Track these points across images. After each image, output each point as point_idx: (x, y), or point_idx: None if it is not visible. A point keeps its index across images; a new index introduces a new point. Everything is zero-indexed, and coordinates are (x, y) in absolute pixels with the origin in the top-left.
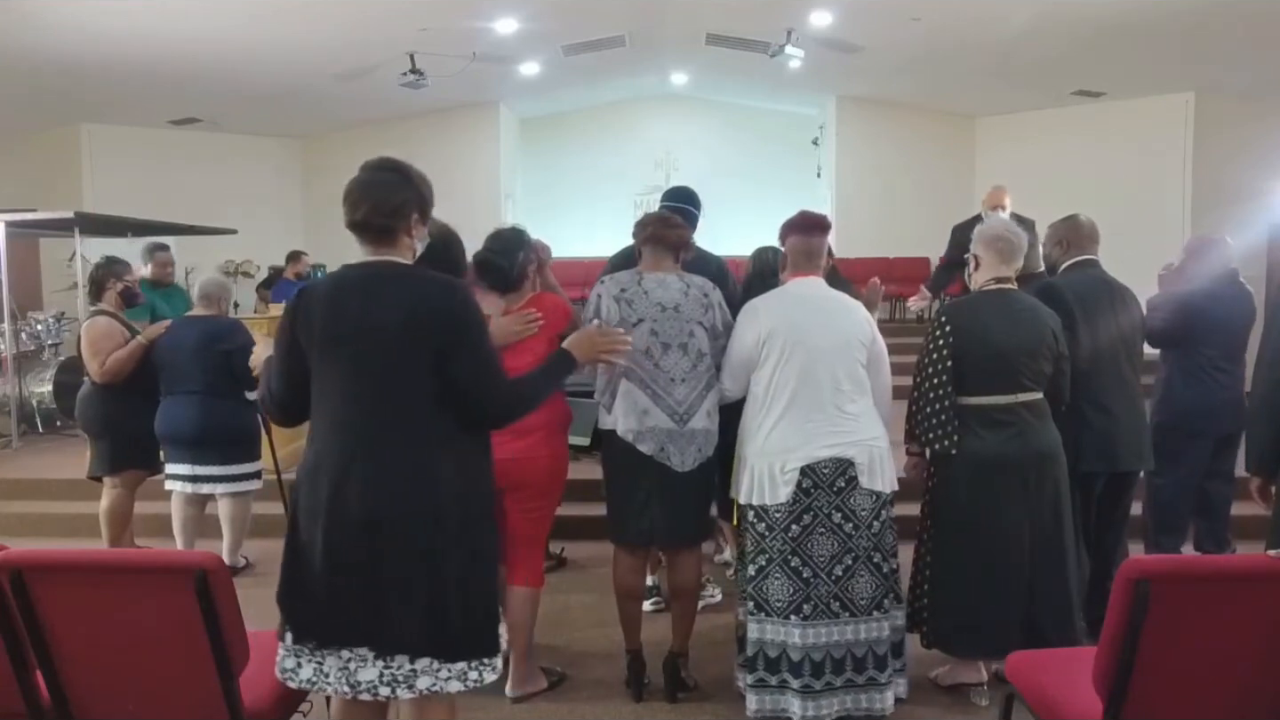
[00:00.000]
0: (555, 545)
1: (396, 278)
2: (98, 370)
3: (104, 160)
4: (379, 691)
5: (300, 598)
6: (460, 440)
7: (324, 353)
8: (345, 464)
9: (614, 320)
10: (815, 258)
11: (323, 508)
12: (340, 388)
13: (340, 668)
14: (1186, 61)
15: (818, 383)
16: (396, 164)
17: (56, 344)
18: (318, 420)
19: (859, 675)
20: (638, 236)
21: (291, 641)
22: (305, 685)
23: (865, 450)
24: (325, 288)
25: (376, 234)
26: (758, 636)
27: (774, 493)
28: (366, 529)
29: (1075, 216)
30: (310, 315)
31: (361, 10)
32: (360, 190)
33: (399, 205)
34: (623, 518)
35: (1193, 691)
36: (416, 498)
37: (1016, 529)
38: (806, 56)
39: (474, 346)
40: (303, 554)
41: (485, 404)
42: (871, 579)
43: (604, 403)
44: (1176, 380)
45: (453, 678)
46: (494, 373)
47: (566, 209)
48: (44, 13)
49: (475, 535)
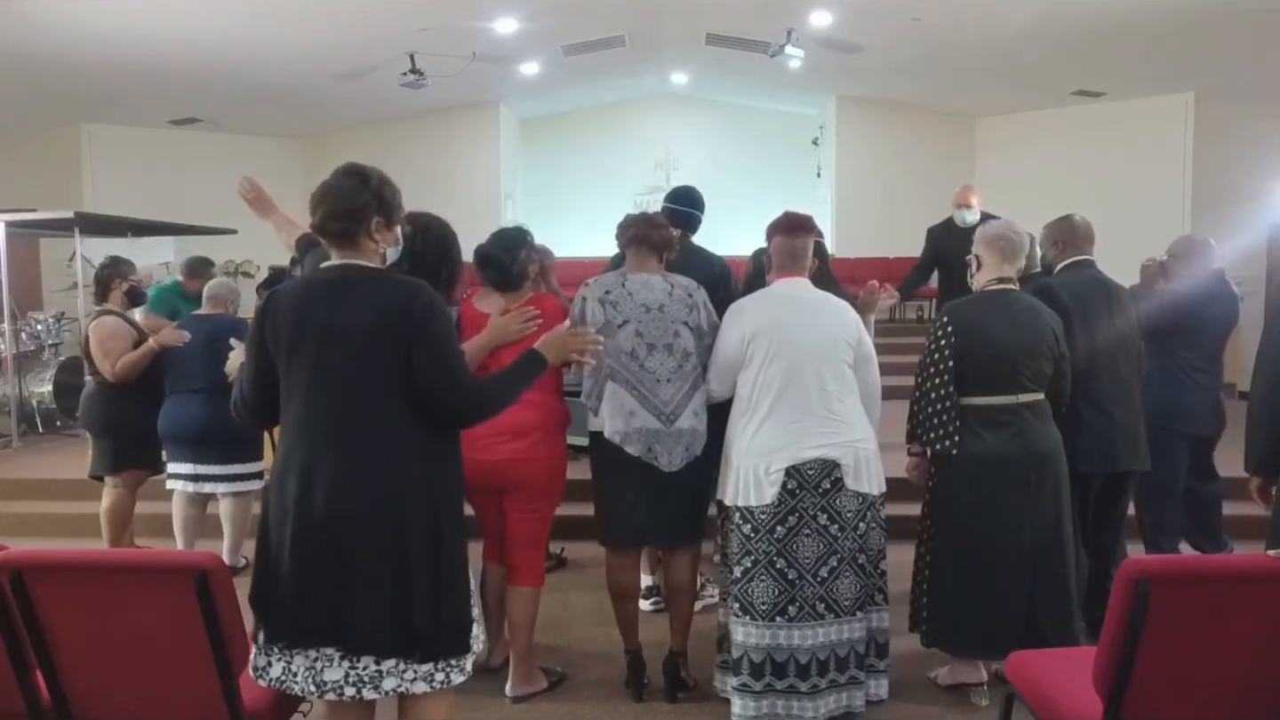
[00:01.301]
0: (555, 545)
1: (362, 281)
2: (110, 370)
3: (104, 160)
4: (344, 691)
5: (270, 598)
6: (427, 441)
7: (290, 355)
8: (310, 465)
9: (599, 323)
10: (800, 258)
11: (291, 508)
12: (306, 390)
13: (307, 667)
14: (1186, 61)
15: (803, 383)
16: (358, 169)
17: (56, 344)
18: (285, 422)
19: (841, 675)
20: (621, 238)
21: (264, 641)
22: (275, 684)
23: (851, 451)
24: (292, 291)
25: (337, 238)
26: (742, 640)
27: (759, 494)
28: (331, 528)
29: (1070, 217)
30: (277, 318)
31: (361, 10)
32: (320, 195)
33: (356, 209)
34: (611, 519)
35: (1193, 691)
36: (381, 496)
37: (1016, 529)
38: (806, 56)
39: (437, 348)
40: (272, 555)
41: (450, 404)
42: (856, 580)
43: (590, 405)
44: (1155, 379)
45: (419, 679)
46: (458, 374)
47: (566, 209)
48: (44, 13)
49: (442, 536)
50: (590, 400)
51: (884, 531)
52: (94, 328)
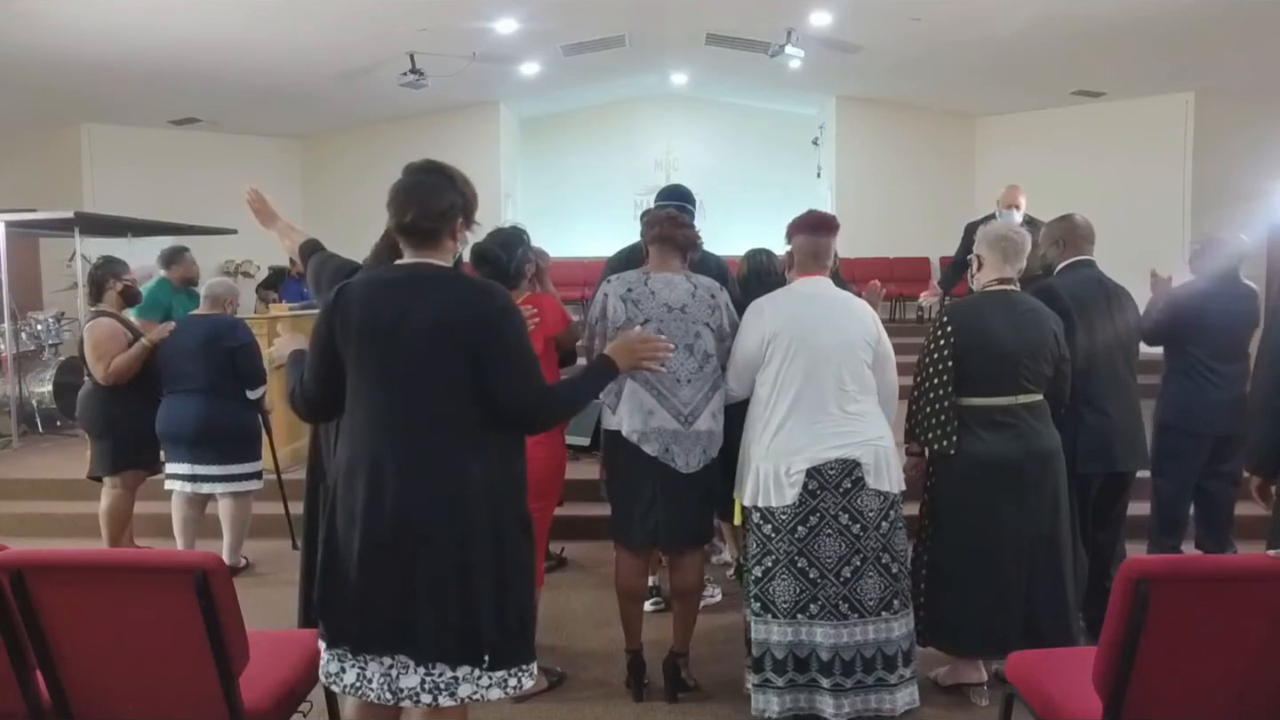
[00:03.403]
0: (555, 545)
1: (435, 280)
2: (103, 373)
3: (104, 160)
4: (421, 699)
5: (337, 603)
6: (494, 443)
7: (360, 353)
8: (380, 465)
9: (620, 320)
10: (822, 257)
11: (359, 510)
12: (375, 388)
13: (383, 673)
14: (1186, 61)
15: (822, 383)
16: (441, 167)
17: (56, 344)
18: (352, 421)
19: (868, 676)
20: (645, 235)
21: (327, 646)
22: (350, 691)
23: (871, 450)
24: (363, 288)
25: (423, 237)
26: (764, 638)
27: (780, 495)
28: (399, 528)
29: (1071, 216)
30: (348, 314)
31: (361, 10)
32: (406, 194)
33: (445, 209)
34: (628, 519)
35: (1193, 691)
36: (447, 497)
37: (1015, 529)
38: (806, 56)
39: (509, 351)
40: (340, 558)
41: (519, 408)
42: (880, 580)
43: (608, 403)
44: (1171, 379)
45: (494, 685)
46: (529, 378)
47: (567, 209)
48: (44, 13)
49: (508, 539)
50: (609, 398)
51: (906, 532)
52: (89, 329)
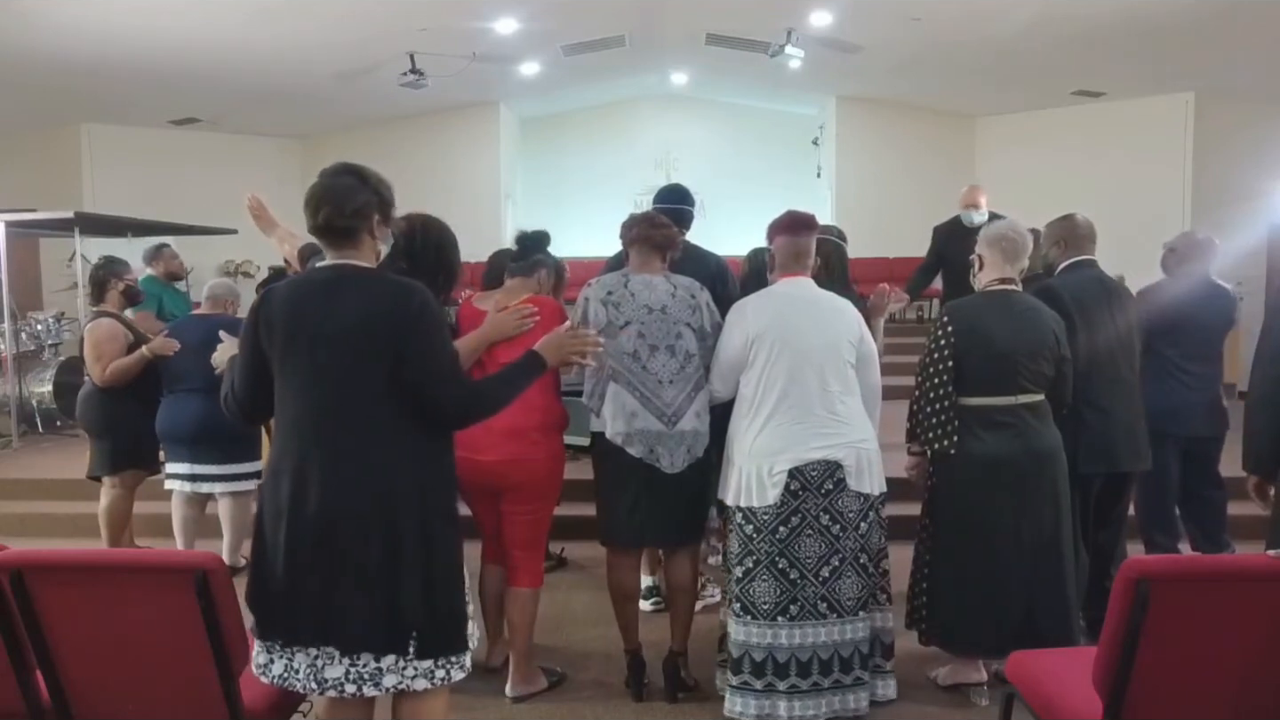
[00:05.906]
0: (555, 545)
1: (357, 280)
2: (100, 375)
3: (104, 160)
4: (345, 689)
5: (265, 596)
6: (419, 440)
7: (285, 354)
8: (304, 464)
9: (601, 324)
10: (803, 257)
11: (285, 507)
12: (300, 389)
13: (308, 665)
14: (1186, 61)
15: (806, 384)
16: (353, 168)
17: (56, 344)
18: (279, 422)
19: (846, 675)
20: (624, 237)
21: (258, 638)
22: (277, 681)
23: (853, 452)
24: (287, 290)
25: (339, 236)
26: (743, 639)
27: (762, 495)
28: (323, 526)
29: (1072, 216)
30: (272, 316)
31: (361, 10)
32: (319, 195)
33: (359, 207)
34: (613, 520)
35: (1193, 691)
36: (373, 495)
37: (1015, 529)
38: (806, 56)
39: (428, 347)
40: (267, 553)
41: (441, 404)
42: (858, 579)
43: (592, 406)
44: (1146, 379)
45: (419, 675)
46: (450, 374)
47: (567, 209)
48: (44, 13)
49: (434, 535)
50: (592, 401)
51: (885, 531)
52: (89, 330)
